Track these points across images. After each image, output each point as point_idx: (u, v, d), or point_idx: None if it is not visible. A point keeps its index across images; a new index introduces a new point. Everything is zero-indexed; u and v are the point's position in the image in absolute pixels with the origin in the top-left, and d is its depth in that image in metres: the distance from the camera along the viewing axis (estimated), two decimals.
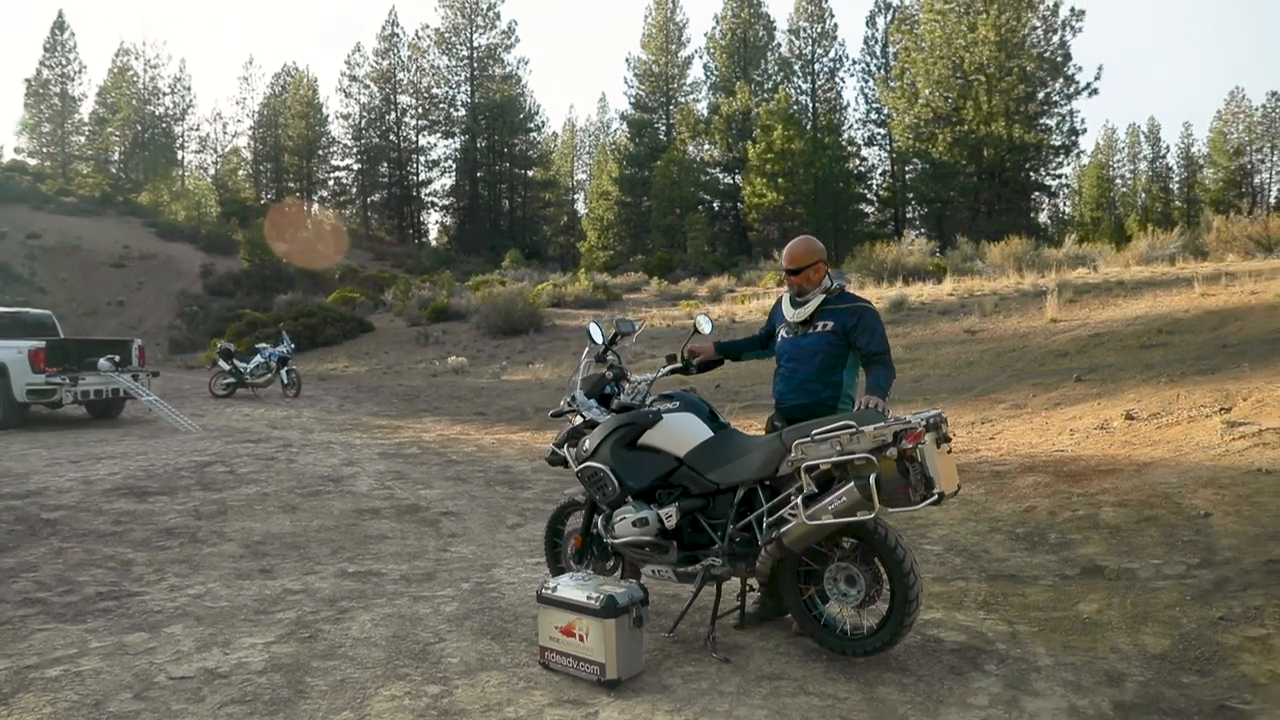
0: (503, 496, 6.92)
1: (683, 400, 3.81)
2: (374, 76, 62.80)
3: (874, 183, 52.43)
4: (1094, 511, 5.12)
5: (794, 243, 3.95)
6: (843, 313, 3.81)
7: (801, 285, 3.89)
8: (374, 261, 51.64)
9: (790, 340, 3.91)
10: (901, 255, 26.72)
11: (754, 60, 54.03)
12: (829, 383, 3.81)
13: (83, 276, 44.43)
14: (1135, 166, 69.26)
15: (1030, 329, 13.20)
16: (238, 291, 43.26)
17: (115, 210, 53.49)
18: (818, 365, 3.80)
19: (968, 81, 41.18)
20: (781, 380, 3.94)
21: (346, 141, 64.59)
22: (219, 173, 66.41)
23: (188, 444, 10.05)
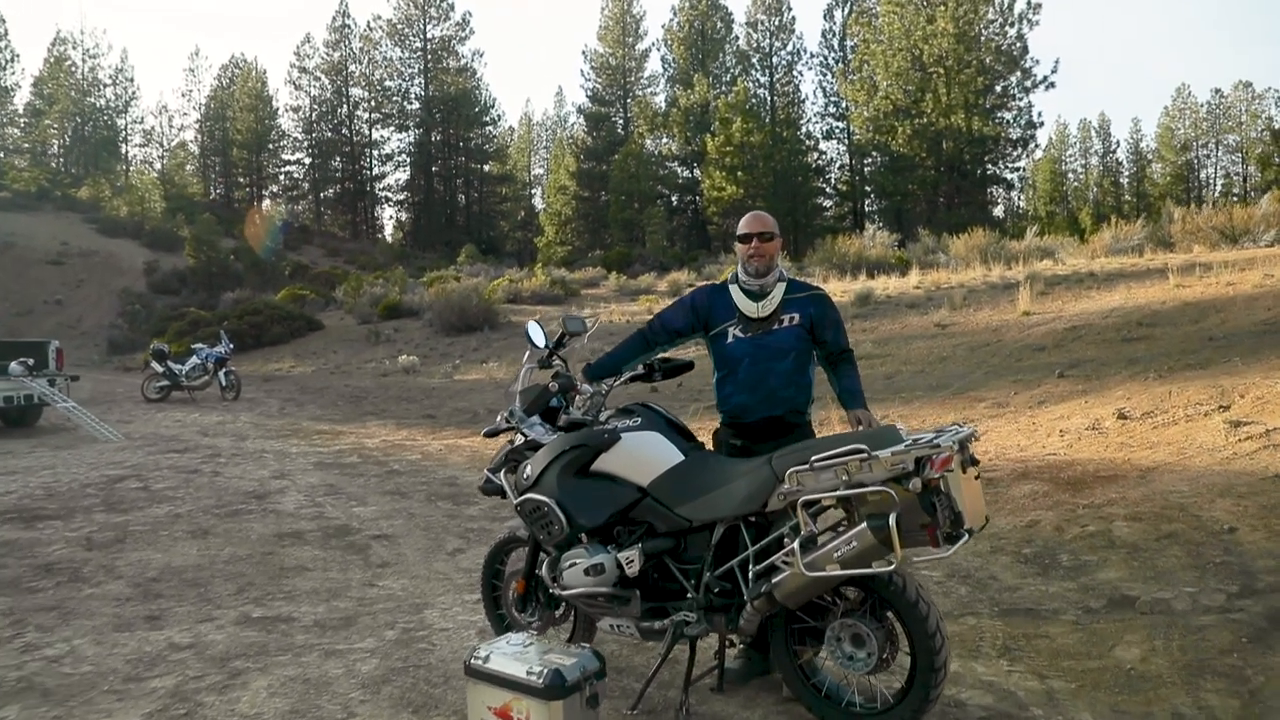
0: (445, 514, 6.21)
1: (646, 415, 3.11)
2: (325, 68, 61.28)
3: (833, 176, 52.34)
4: (1106, 527, 4.56)
5: (754, 212, 3.37)
6: (804, 302, 3.28)
7: (769, 261, 3.27)
8: (326, 258, 50.31)
9: (751, 340, 3.24)
10: (863, 248, 26.37)
11: (712, 53, 53.54)
12: (801, 386, 3.28)
13: (17, 275, 42.57)
14: (1087, 161, 70.25)
15: (1003, 322, 12.77)
16: (183, 289, 41.75)
17: (53, 205, 51.50)
18: (791, 367, 3.22)
19: (926, 74, 41.05)
20: (744, 390, 3.24)
21: (297, 135, 62.98)
22: (165, 167, 64.36)
23: (105, 455, 9.17)
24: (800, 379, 3.24)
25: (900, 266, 23.21)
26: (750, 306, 3.23)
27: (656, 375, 3.50)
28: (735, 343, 3.25)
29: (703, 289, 3.40)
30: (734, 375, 3.25)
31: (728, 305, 3.29)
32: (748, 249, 3.25)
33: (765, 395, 3.19)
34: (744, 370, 3.22)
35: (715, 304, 3.32)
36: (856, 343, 17.49)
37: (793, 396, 3.22)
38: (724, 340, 3.27)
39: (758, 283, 3.25)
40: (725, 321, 3.27)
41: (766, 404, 3.19)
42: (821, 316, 3.26)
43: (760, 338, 3.22)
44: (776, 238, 3.29)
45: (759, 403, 3.20)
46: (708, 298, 3.35)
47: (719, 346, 3.30)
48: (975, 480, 2.50)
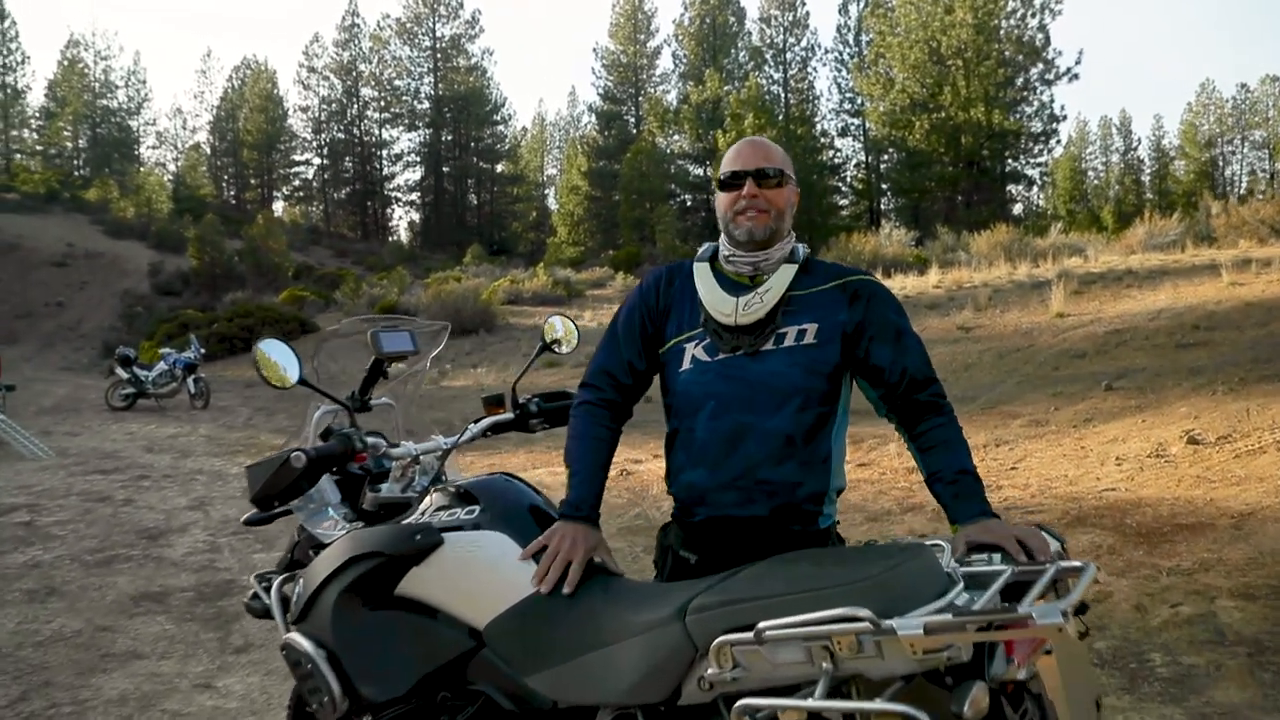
0: None
1: (496, 498, 1.82)
2: (334, 68, 60.75)
3: (848, 174, 51.12)
4: (1207, 608, 3.38)
5: (748, 139, 1.91)
6: (830, 299, 1.79)
7: (773, 221, 1.80)
8: (334, 259, 49.64)
9: (722, 368, 1.78)
10: (879, 246, 25.20)
11: (724, 48, 52.48)
12: (808, 462, 1.75)
13: (20, 277, 42.07)
14: (1107, 159, 68.88)
15: (1034, 325, 11.56)
16: (185, 291, 41.09)
17: (62, 207, 51.07)
18: (791, 424, 1.73)
19: (945, 66, 39.72)
20: (701, 460, 1.79)
21: (306, 136, 62.42)
22: (180, 169, 64.05)
23: (19, 477, 8.13)
24: (812, 448, 1.74)
25: (918, 265, 21.97)
26: (724, 305, 1.77)
27: (534, 424, 2.28)
28: (694, 372, 1.79)
29: (655, 273, 1.97)
30: (688, 433, 1.80)
31: (689, 302, 1.86)
32: (735, 197, 1.80)
33: (738, 475, 1.73)
34: (703, 425, 1.76)
35: (670, 297, 1.89)
36: None
37: (791, 484, 1.72)
38: (676, 366, 1.83)
39: (749, 259, 1.80)
40: (681, 333, 1.83)
41: (739, 492, 1.73)
42: (869, 323, 1.76)
43: (738, 364, 1.75)
44: (789, 182, 1.84)
45: (726, 488, 1.74)
46: (660, 286, 1.91)
47: (669, 377, 1.87)
48: (1080, 639, 1.34)
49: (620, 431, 1.93)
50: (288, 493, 1.84)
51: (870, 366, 1.77)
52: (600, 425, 1.89)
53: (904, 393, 1.75)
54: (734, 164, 1.84)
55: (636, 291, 1.96)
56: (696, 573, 1.73)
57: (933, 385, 1.77)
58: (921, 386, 1.75)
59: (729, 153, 1.88)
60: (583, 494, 1.81)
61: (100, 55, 62.27)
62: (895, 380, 1.75)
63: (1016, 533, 1.50)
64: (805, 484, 1.74)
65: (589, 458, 1.86)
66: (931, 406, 1.75)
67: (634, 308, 1.93)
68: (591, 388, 1.94)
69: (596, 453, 1.87)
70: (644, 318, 1.91)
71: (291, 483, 1.81)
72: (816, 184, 44.94)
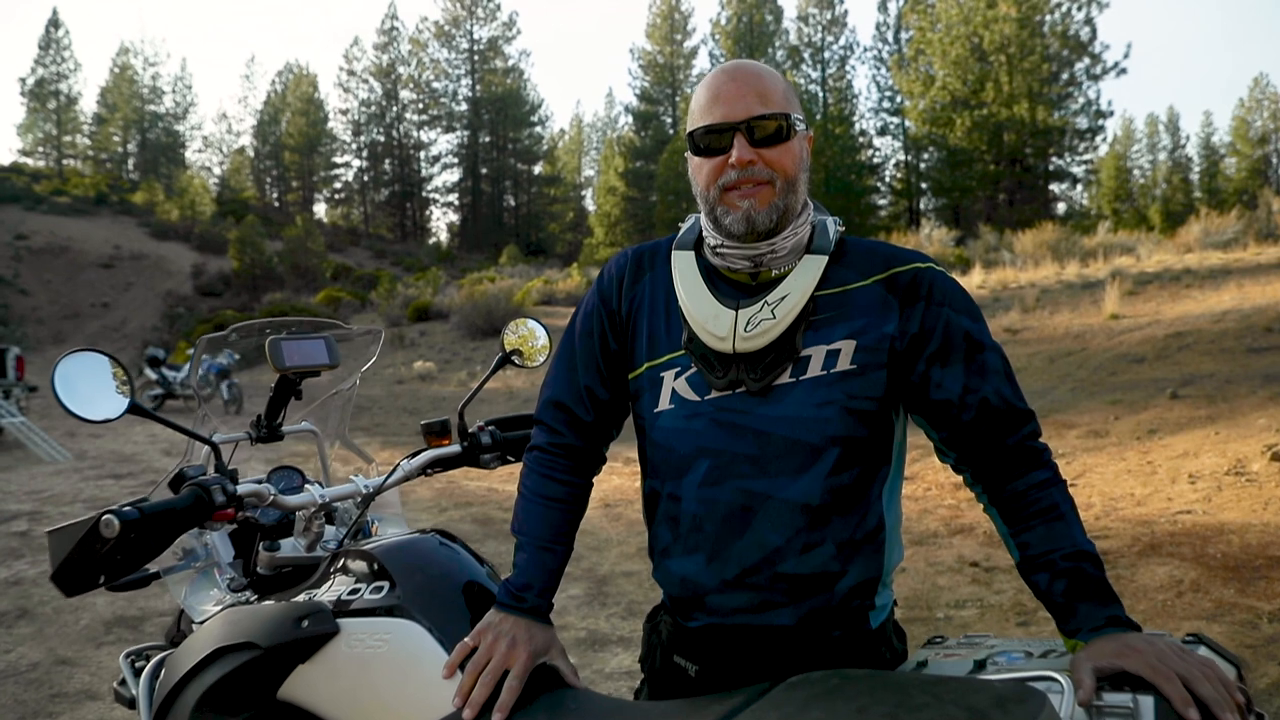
0: None
1: (410, 574, 1.34)
2: (373, 71, 61.35)
3: (887, 173, 50.33)
4: None
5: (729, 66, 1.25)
6: (875, 299, 1.23)
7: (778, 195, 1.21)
8: (373, 260, 50.06)
9: (713, 409, 1.24)
10: (919, 246, 24.60)
11: (760, 47, 51.93)
12: (851, 542, 1.21)
13: (68, 278, 42.95)
14: (1154, 157, 67.23)
15: (1086, 327, 10.97)
16: (226, 292, 41.67)
17: (110, 210, 52.07)
18: (818, 488, 1.19)
19: (987, 62, 38.82)
20: (694, 543, 1.25)
21: (346, 138, 63.07)
22: (224, 173, 65.15)
23: (34, 481, 7.98)
24: (855, 521, 1.22)
25: (960, 265, 21.32)
26: (717, 322, 1.23)
27: (485, 460, 1.79)
28: (677, 415, 1.27)
29: (618, 260, 1.40)
30: (672, 503, 1.28)
31: (664, 308, 1.31)
32: (719, 165, 1.23)
33: (748, 568, 1.22)
34: (694, 494, 1.25)
35: (637, 297, 1.34)
36: None
37: (829, 574, 1.22)
38: (651, 402, 1.30)
39: (747, 254, 1.25)
40: (656, 354, 1.30)
41: (752, 593, 1.23)
42: (929, 333, 1.21)
43: (740, 406, 1.23)
44: (797, 129, 1.24)
45: (732, 587, 1.23)
46: (623, 281, 1.37)
47: (642, 414, 1.33)
48: None
49: (587, 485, 1.41)
50: (106, 567, 1.29)
51: (931, 400, 1.21)
52: (552, 480, 1.37)
53: (982, 435, 1.19)
54: (712, 111, 1.21)
55: (594, 287, 1.40)
56: (697, 688, 1.28)
57: (1026, 424, 1.20)
58: (1009, 425, 1.19)
59: (701, 92, 1.24)
60: (529, 576, 1.31)
61: (149, 62, 63.60)
62: (970, 418, 1.19)
63: (1170, 655, 0.96)
64: (848, 574, 1.21)
65: (537, 525, 1.34)
66: (1025, 456, 1.18)
67: (590, 312, 1.38)
68: (543, 427, 1.41)
69: (548, 518, 1.35)
70: (604, 326, 1.36)
71: (107, 554, 1.26)
72: (855, 184, 44.27)
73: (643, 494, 1.36)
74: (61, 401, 1.37)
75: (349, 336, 1.85)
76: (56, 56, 60.67)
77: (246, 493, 1.46)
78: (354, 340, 1.95)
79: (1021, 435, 1.20)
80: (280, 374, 1.67)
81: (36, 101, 60.06)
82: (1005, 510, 1.19)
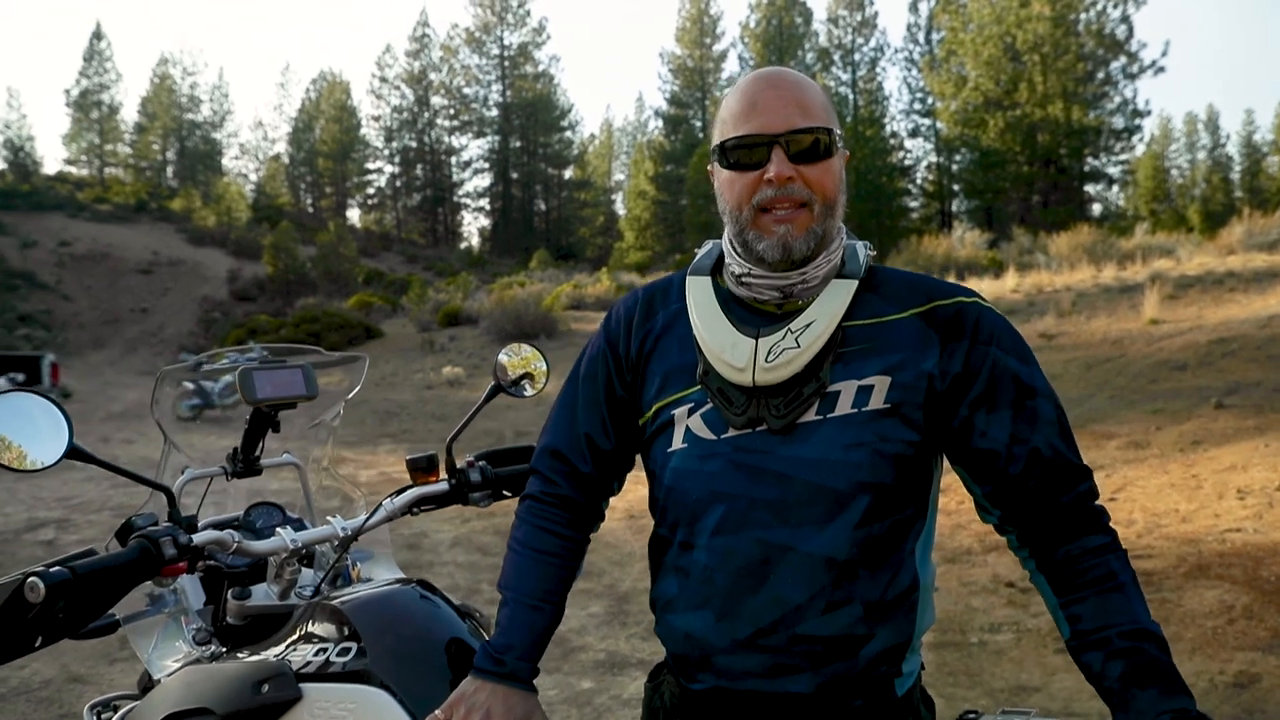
0: None
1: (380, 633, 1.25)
2: (405, 78, 62.00)
3: (919, 176, 49.84)
4: None
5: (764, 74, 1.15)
6: (913, 333, 1.11)
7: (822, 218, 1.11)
8: (405, 264, 50.54)
9: (731, 449, 1.12)
10: (951, 249, 24.28)
11: (791, 50, 51.70)
12: (880, 603, 1.09)
13: (109, 284, 43.82)
14: (1193, 156, 66.01)
15: (1124, 333, 10.72)
16: (261, 297, 42.24)
17: (149, 217, 53.06)
18: (844, 541, 1.07)
19: (1020, 62, 38.29)
20: (703, 596, 1.13)
21: (379, 144, 63.78)
22: (260, 179, 66.19)
23: (67, 487, 8.07)
24: (886, 579, 1.09)
25: (994, 268, 21.01)
26: (736, 352, 1.12)
27: (475, 498, 1.63)
28: (691, 456, 1.15)
29: (629, 300, 1.30)
30: (682, 552, 1.17)
31: (678, 343, 1.20)
32: (754, 181, 1.11)
33: (764, 628, 1.09)
34: (707, 543, 1.13)
35: (649, 335, 1.24)
36: None
37: (854, 637, 1.08)
38: (664, 443, 1.19)
39: (773, 285, 1.14)
40: (668, 393, 1.19)
41: (766, 655, 1.09)
42: (974, 375, 1.09)
43: (760, 446, 1.11)
44: (838, 146, 1.13)
45: (744, 648, 1.10)
46: (633, 320, 1.26)
47: (653, 458, 1.22)
48: None
49: (583, 541, 1.29)
50: (42, 629, 1.14)
51: (974, 449, 1.08)
52: (545, 532, 1.25)
53: (1031, 491, 1.06)
54: (748, 121, 1.10)
55: (600, 328, 1.30)
56: None
57: (1081, 481, 1.07)
58: (1061, 482, 1.06)
59: (735, 99, 1.13)
60: (511, 636, 1.19)
61: (187, 72, 64.81)
62: (1017, 471, 1.06)
63: None
64: (876, 638, 1.08)
65: (525, 581, 1.22)
66: (1079, 517, 1.05)
67: (596, 355, 1.28)
68: (538, 476, 1.30)
69: (538, 573, 1.23)
70: (610, 370, 1.25)
71: (39, 618, 1.11)
72: (886, 186, 43.90)
73: (650, 540, 1.25)
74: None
75: (325, 363, 1.75)
76: (99, 68, 62.02)
77: (206, 541, 1.33)
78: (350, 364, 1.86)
79: (1076, 493, 1.07)
80: (255, 407, 1.56)
81: (80, 112, 61.48)
82: (1055, 578, 1.06)
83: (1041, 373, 1.12)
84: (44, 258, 44.22)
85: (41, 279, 42.14)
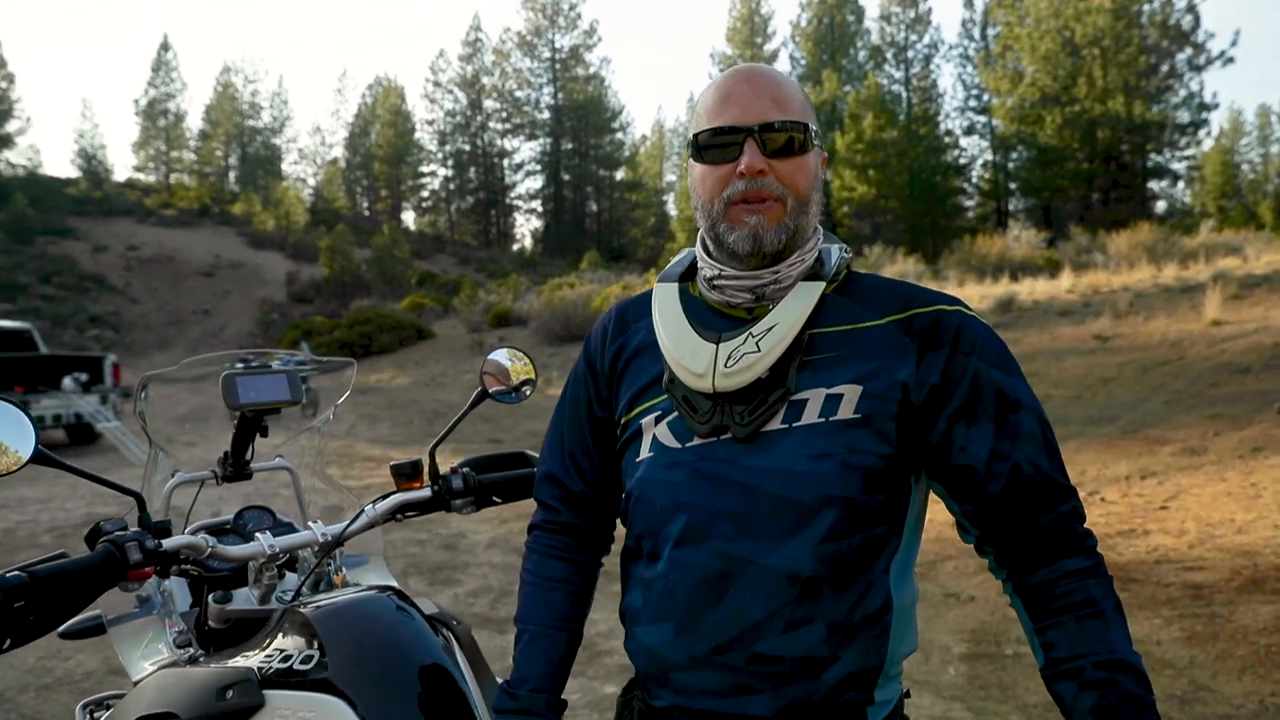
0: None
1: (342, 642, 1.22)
2: (458, 82, 62.86)
3: (974, 174, 48.88)
4: None
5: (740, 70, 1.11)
6: (888, 340, 1.06)
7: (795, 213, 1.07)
8: (458, 266, 51.22)
9: (694, 458, 1.08)
10: (1006, 248, 23.77)
11: (842, 48, 51.18)
12: (846, 625, 1.02)
13: (173, 286, 45.16)
14: (1266, 150, 63.54)
15: (1184, 334, 10.37)
16: (317, 298, 43.12)
17: (211, 221, 54.61)
18: (808, 555, 1.01)
19: (1079, 56, 37.31)
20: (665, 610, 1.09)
21: (432, 148, 64.77)
22: (318, 183, 67.70)
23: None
24: (853, 599, 1.03)
25: (1049, 268, 20.52)
26: (695, 356, 1.08)
27: (462, 504, 1.62)
28: (656, 465, 1.11)
29: (607, 315, 1.29)
30: (646, 562, 1.13)
31: (648, 352, 1.17)
32: (726, 173, 1.07)
33: (722, 644, 1.04)
34: (669, 555, 1.09)
35: (622, 347, 1.21)
36: None
37: (816, 658, 1.02)
38: (633, 453, 1.16)
39: (748, 283, 1.10)
40: (638, 403, 1.16)
41: (724, 674, 1.05)
42: (953, 386, 1.04)
43: (724, 455, 1.07)
44: (814, 144, 1.10)
45: (701, 665, 1.06)
46: (606, 335, 1.25)
47: (625, 469, 1.19)
48: None
49: (593, 565, 1.27)
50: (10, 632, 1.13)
51: (952, 466, 1.03)
52: (552, 559, 1.24)
53: (1010, 511, 1.01)
54: (721, 114, 1.07)
55: (582, 349, 1.28)
56: None
57: (1064, 501, 1.01)
58: (1043, 501, 1.00)
59: (710, 93, 1.11)
60: (524, 668, 1.17)
61: (249, 79, 66.65)
62: (997, 489, 1.01)
63: None
64: (840, 660, 1.02)
65: (536, 610, 1.21)
66: (1060, 538, 1.00)
67: (578, 377, 1.26)
68: (540, 505, 1.30)
69: (549, 601, 1.21)
70: (589, 391, 1.23)
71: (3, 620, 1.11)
72: (940, 185, 43.21)
73: (621, 551, 1.21)
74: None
75: (310, 369, 1.74)
76: (166, 77, 64.08)
77: (178, 546, 1.33)
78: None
79: (1057, 514, 1.01)
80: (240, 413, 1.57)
81: (148, 120, 63.63)
82: (1030, 602, 1.00)
83: (1027, 385, 1.07)
84: (113, 261, 45.81)
85: (111, 282, 43.70)
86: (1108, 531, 4.86)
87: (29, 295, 38.92)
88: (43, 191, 50.83)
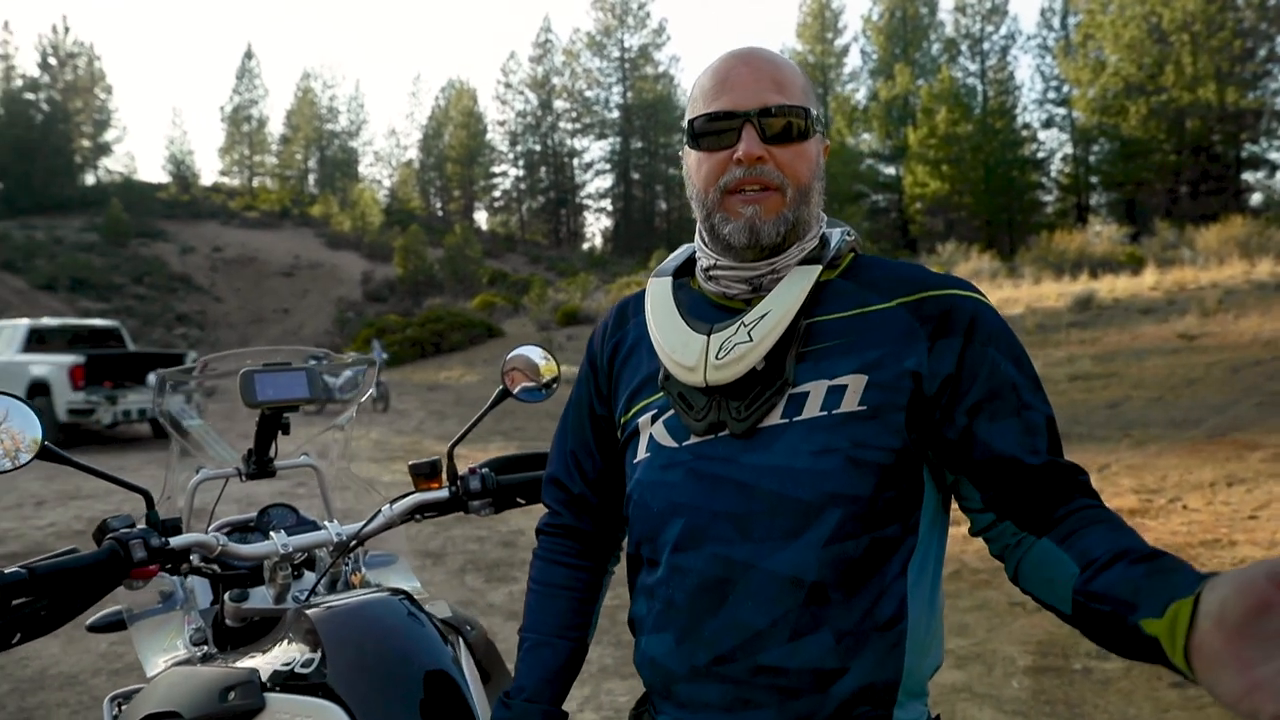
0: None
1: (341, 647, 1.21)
2: (529, 83, 63.68)
3: (1053, 168, 47.37)
4: None
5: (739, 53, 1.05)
6: (896, 326, 0.99)
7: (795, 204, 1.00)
8: (528, 265, 51.83)
9: (691, 457, 1.02)
10: (1086, 244, 22.97)
11: (915, 42, 50.18)
12: (857, 633, 0.95)
13: (255, 286, 46.68)
14: None
15: (1277, 333, 9.85)
16: (391, 297, 44.05)
17: (291, 222, 56.37)
18: (811, 559, 0.95)
19: (1167, 43, 35.81)
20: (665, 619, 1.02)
21: (504, 149, 65.78)
22: (393, 184, 69.42)
23: None
24: (863, 605, 0.96)
25: (1132, 264, 19.75)
26: (686, 349, 1.02)
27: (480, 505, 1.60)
28: (653, 465, 1.06)
29: (609, 313, 1.24)
30: (647, 568, 1.07)
31: (645, 348, 1.12)
32: (723, 160, 1.01)
33: (722, 654, 0.98)
34: (667, 560, 1.02)
35: (621, 344, 1.16)
36: (1070, 356, 13.91)
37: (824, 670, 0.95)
38: (632, 454, 1.10)
39: (746, 274, 1.05)
40: (635, 401, 1.11)
41: (726, 686, 0.98)
42: (969, 378, 0.97)
43: (721, 452, 1.01)
44: (816, 130, 1.03)
45: (702, 676, 0.99)
46: (606, 332, 1.20)
47: (625, 471, 1.13)
48: None
49: (599, 570, 1.21)
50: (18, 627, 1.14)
51: (975, 461, 0.96)
52: (555, 565, 1.19)
53: (1032, 494, 0.93)
54: (718, 98, 1.02)
55: (586, 349, 1.23)
56: None
57: (1080, 473, 0.96)
58: (1061, 481, 0.94)
59: (706, 77, 1.05)
60: (522, 679, 1.13)
61: (327, 85, 68.92)
62: (1022, 480, 0.94)
63: None
64: (850, 672, 0.95)
65: (538, 618, 1.16)
66: (1073, 487, 0.94)
67: (581, 378, 1.21)
68: (547, 509, 1.25)
69: (551, 608, 1.17)
70: (590, 390, 1.18)
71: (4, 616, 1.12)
72: (1018, 180, 42.12)
73: (626, 558, 1.16)
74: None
75: (330, 368, 1.73)
76: (249, 85, 66.51)
77: (186, 544, 1.32)
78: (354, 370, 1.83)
79: (1077, 482, 0.94)
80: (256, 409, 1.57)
81: (233, 126, 66.17)
82: (1057, 532, 0.90)
83: (1037, 377, 1.01)
84: (199, 262, 47.66)
85: (197, 282, 45.50)
86: (1189, 541, 4.64)
87: (123, 295, 40.78)
88: (136, 196, 53.32)
